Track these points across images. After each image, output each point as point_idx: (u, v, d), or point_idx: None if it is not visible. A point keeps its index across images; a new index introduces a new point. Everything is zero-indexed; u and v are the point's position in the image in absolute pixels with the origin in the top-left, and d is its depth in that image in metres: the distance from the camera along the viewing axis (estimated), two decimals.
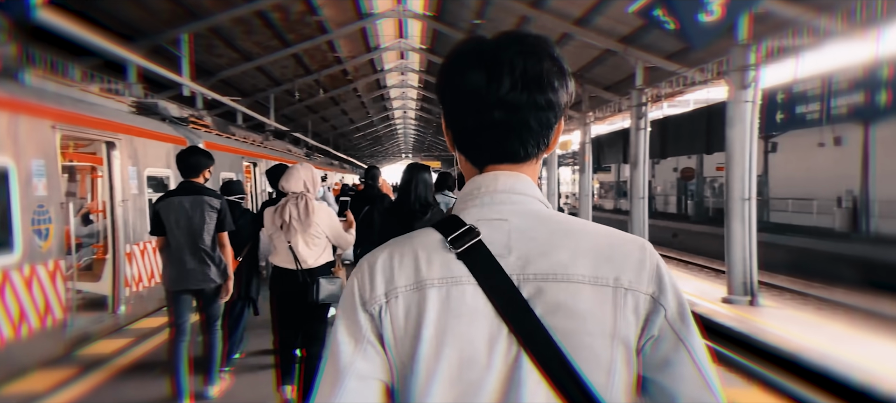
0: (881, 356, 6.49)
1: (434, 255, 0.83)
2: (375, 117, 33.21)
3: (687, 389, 0.78)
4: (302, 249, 3.69)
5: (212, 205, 3.93)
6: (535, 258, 0.81)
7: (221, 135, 10.56)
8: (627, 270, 0.81)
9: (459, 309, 0.80)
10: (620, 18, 11.95)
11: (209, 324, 4.11)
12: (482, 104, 0.84)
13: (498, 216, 0.84)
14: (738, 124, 9.29)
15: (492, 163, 0.88)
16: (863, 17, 6.69)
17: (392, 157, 59.26)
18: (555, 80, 0.85)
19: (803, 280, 13.77)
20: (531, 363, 0.77)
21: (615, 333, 0.79)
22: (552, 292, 0.79)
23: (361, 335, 0.83)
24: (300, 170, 3.77)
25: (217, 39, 14.03)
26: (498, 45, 0.85)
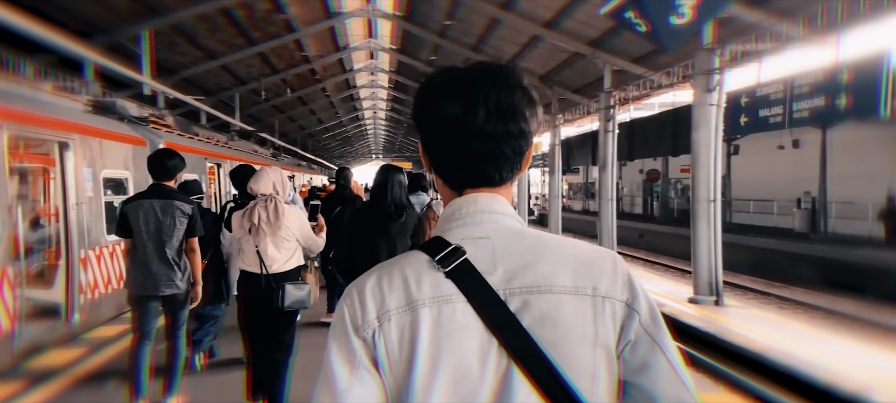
0: (841, 354, 6.66)
1: (423, 276, 0.86)
2: (345, 117, 32.84)
3: (665, 389, 0.84)
4: (271, 252, 3.60)
5: (183, 211, 3.87)
6: (519, 272, 0.85)
7: (184, 136, 10.24)
8: (603, 279, 0.86)
9: (451, 327, 0.83)
10: (589, 21, 12.05)
11: (173, 331, 4.00)
12: (459, 133, 0.88)
13: (481, 234, 0.88)
14: (704, 127, 9.45)
15: (469, 187, 0.93)
16: (823, 23, 6.85)
17: (362, 158, 58.79)
18: (526, 111, 0.91)
19: (765, 279, 14.14)
20: (521, 373, 0.81)
21: (596, 340, 0.83)
22: (537, 304, 0.83)
23: (356, 361, 0.84)
24: (269, 172, 3.68)
25: (179, 37, 13.62)
26: (472, 76, 0.90)
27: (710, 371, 6.90)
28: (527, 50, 14.69)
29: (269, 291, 3.58)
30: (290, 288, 3.61)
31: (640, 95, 12.83)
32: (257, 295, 3.61)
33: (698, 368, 7.04)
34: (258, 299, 3.62)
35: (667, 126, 11.73)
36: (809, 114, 7.05)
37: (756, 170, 20.63)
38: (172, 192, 3.93)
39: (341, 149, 48.48)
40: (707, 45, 9.37)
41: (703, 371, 6.92)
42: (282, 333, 3.68)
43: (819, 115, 6.99)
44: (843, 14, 6.59)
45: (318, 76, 21.04)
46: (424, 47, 17.87)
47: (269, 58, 17.24)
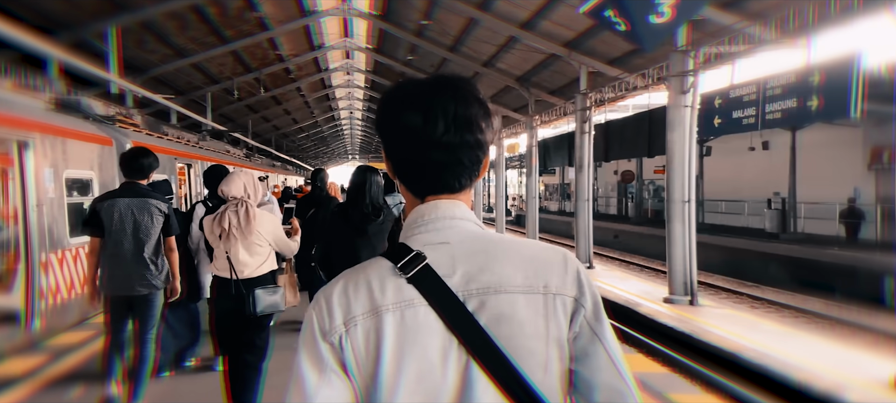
0: (813, 354, 6.75)
1: (387, 282, 0.90)
2: (320, 118, 32.47)
3: (602, 376, 0.91)
4: (242, 258, 3.51)
5: (160, 209, 3.84)
6: (476, 274, 0.91)
7: (152, 135, 9.96)
8: (554, 277, 0.92)
9: (414, 329, 0.88)
10: (565, 23, 12.10)
11: (143, 333, 3.91)
12: (420, 143, 0.93)
13: (441, 240, 0.93)
14: (678, 128, 9.54)
15: (430, 194, 0.97)
16: (795, 25, 6.95)
17: (338, 159, 58.27)
18: (482, 122, 0.96)
19: (737, 279, 14.37)
20: (479, 368, 0.86)
21: (548, 334, 0.89)
22: (493, 303, 0.89)
23: (324, 365, 0.89)
24: (240, 174, 3.61)
25: (148, 34, 13.26)
26: (432, 90, 0.95)
27: (687, 371, 6.94)
28: (504, 51, 14.69)
29: (240, 297, 3.50)
30: (262, 293, 3.54)
31: (616, 97, 12.92)
32: (229, 301, 3.53)
33: (675, 368, 7.08)
34: (230, 305, 3.54)
35: (642, 127, 11.83)
36: (782, 116, 7.15)
37: (727, 171, 21.02)
38: (147, 191, 3.87)
39: (317, 149, 47.97)
40: (681, 47, 9.47)
41: (680, 371, 6.95)
42: (253, 336, 3.62)
43: (791, 117, 7.08)
44: (815, 17, 6.69)
45: (292, 75, 20.73)
46: (401, 47, 17.74)
47: (242, 56, 16.92)
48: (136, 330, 3.95)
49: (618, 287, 11.26)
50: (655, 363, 6.51)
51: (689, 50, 9.35)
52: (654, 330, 8.44)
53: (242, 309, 3.50)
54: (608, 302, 10.26)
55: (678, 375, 6.27)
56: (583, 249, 13.91)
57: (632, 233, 22.94)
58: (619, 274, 14.20)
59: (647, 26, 4.84)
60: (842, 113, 6.36)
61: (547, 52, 13.58)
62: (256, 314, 3.51)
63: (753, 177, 20.52)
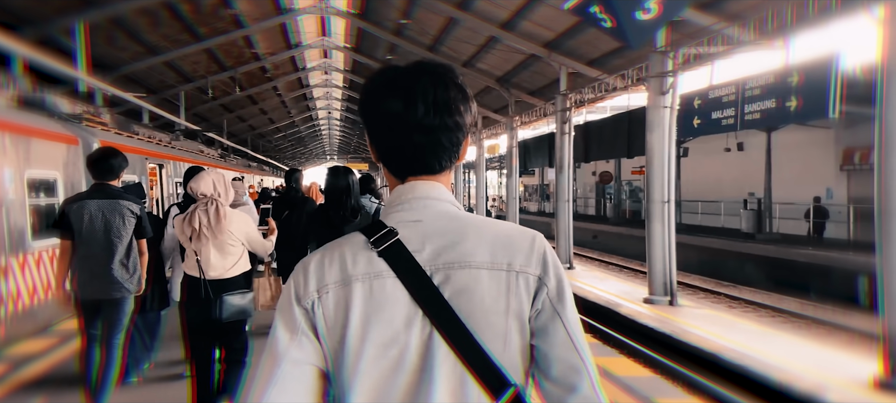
0: (792, 354, 6.77)
1: (359, 255, 0.96)
2: (298, 117, 32.04)
3: (559, 352, 0.94)
4: (213, 259, 3.43)
5: (131, 210, 3.77)
6: (443, 250, 0.95)
7: (122, 134, 9.63)
8: (519, 256, 0.96)
9: (381, 299, 0.93)
10: (545, 23, 12.07)
11: (110, 337, 3.83)
12: (402, 126, 0.97)
13: (415, 218, 0.98)
14: (658, 129, 9.55)
15: (412, 175, 1.02)
16: (773, 26, 6.98)
17: (316, 159, 57.64)
18: (461, 105, 1.00)
19: (714, 279, 14.49)
20: (441, 338, 0.91)
21: (509, 309, 0.93)
22: (457, 278, 0.94)
23: (296, 326, 0.95)
24: (211, 172, 3.58)
25: (118, 31, 12.86)
26: (412, 75, 0.99)
27: (670, 373, 6.91)
28: (484, 51, 14.62)
29: (208, 300, 3.41)
30: (230, 298, 3.45)
31: (596, 98, 12.93)
32: (197, 303, 3.46)
33: (656, 369, 7.04)
34: (198, 308, 3.47)
35: (622, 128, 11.86)
36: (761, 116, 7.17)
37: (704, 172, 21.26)
38: (118, 192, 3.80)
39: (294, 149, 47.38)
40: (660, 48, 9.47)
41: (663, 373, 6.92)
42: (232, 340, 3.59)
43: (770, 117, 7.11)
44: (793, 18, 6.72)
45: (269, 74, 20.37)
46: (380, 46, 17.56)
47: (216, 54, 16.56)
48: (103, 335, 3.86)
49: (598, 287, 11.25)
50: (639, 365, 6.47)
51: (668, 51, 9.36)
52: (635, 330, 8.42)
53: (210, 312, 3.41)
54: (589, 302, 10.23)
55: (662, 378, 6.23)
56: (563, 250, 13.89)
57: (610, 234, 23.07)
58: (599, 274, 14.22)
59: (634, 23, 4.78)
60: (820, 113, 6.39)
61: (527, 53, 13.54)
62: (223, 319, 3.42)
63: (729, 178, 20.78)
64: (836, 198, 17.22)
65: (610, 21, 4.88)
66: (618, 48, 11.87)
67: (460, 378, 0.91)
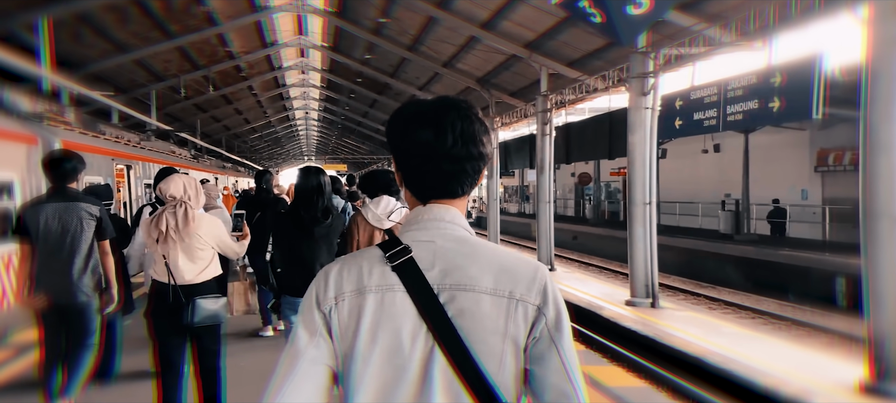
0: (775, 357, 6.71)
1: (375, 267, 1.05)
2: (274, 118, 31.47)
3: (553, 379, 1.01)
4: (181, 263, 3.34)
5: (90, 213, 3.70)
6: (451, 271, 1.03)
7: (87, 134, 9.22)
8: (520, 285, 1.03)
9: (391, 310, 1.03)
10: (526, 23, 11.95)
11: (77, 342, 3.76)
12: (432, 154, 1.07)
13: (428, 238, 1.07)
14: (639, 130, 9.48)
15: (434, 199, 1.10)
16: (756, 26, 6.92)
17: (293, 160, 56.84)
18: (483, 137, 1.10)
19: (694, 280, 14.53)
20: (442, 353, 1.00)
21: (506, 333, 1.01)
22: (461, 299, 1.02)
23: (315, 328, 1.05)
24: (182, 176, 3.50)
25: (84, 27, 12.38)
26: (440, 108, 1.08)
27: (652, 376, 6.81)
28: (464, 51, 14.45)
29: (178, 305, 3.31)
30: (202, 302, 3.35)
31: (576, 99, 12.86)
32: (165, 308, 3.35)
33: (640, 374, 6.94)
34: (167, 313, 3.36)
35: (603, 129, 11.79)
36: (743, 117, 7.12)
37: (681, 174, 21.39)
38: (76, 194, 3.74)
39: (271, 150, 46.65)
40: (642, 48, 9.40)
41: (645, 376, 6.81)
42: (206, 342, 3.50)
43: (752, 118, 7.06)
44: (775, 18, 6.67)
45: (243, 73, 19.90)
46: (358, 46, 17.27)
47: (188, 53, 16.09)
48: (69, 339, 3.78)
49: (579, 289, 11.15)
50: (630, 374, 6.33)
51: (649, 51, 9.30)
52: (617, 333, 8.32)
53: (180, 317, 3.31)
54: (571, 305, 10.10)
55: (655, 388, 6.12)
56: (545, 251, 13.78)
57: (590, 235, 23.10)
58: (580, 275, 14.15)
59: (625, 18, 4.63)
60: (804, 114, 6.35)
61: (508, 53, 13.41)
62: (194, 324, 3.33)
63: (706, 180, 20.95)
64: (810, 199, 17.44)
65: (599, 16, 4.72)
66: (598, 49, 11.82)
67: (456, 393, 0.99)
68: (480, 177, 1.13)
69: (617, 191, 29.40)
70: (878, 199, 5.23)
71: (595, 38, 11.39)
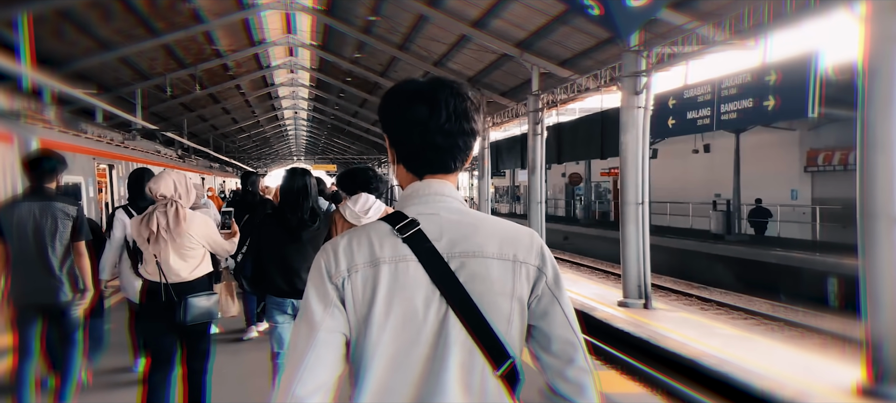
0: (772, 359, 6.62)
1: (385, 240, 1.11)
2: (262, 117, 31.15)
3: (558, 330, 1.13)
4: (173, 262, 3.31)
5: (66, 212, 3.63)
6: (459, 241, 1.12)
7: (67, 132, 8.98)
8: (521, 249, 1.14)
9: (404, 280, 1.09)
10: (517, 22, 11.84)
11: (65, 339, 3.74)
12: (426, 130, 1.14)
13: (432, 211, 1.14)
14: (632, 129, 9.38)
15: (429, 174, 1.18)
16: (750, 24, 6.84)
17: (282, 160, 56.38)
18: (474, 115, 1.18)
19: (685, 280, 14.48)
20: (455, 316, 1.08)
21: (513, 293, 1.11)
22: (471, 265, 1.10)
23: (329, 300, 1.10)
24: (172, 173, 3.45)
25: (67, 24, 12.10)
26: (434, 87, 1.16)
27: (647, 379, 6.70)
28: (455, 50, 14.32)
29: (170, 304, 3.27)
30: (194, 300, 3.32)
31: (568, 98, 12.76)
32: (158, 307, 3.31)
33: (635, 377, 6.82)
34: (159, 312, 3.32)
35: (595, 129, 11.70)
36: (737, 116, 7.04)
37: (672, 174, 21.37)
38: (53, 194, 3.69)
39: (259, 150, 46.26)
40: (634, 46, 9.31)
41: (640, 379, 6.70)
42: (195, 343, 3.45)
43: (747, 117, 6.98)
44: (770, 16, 6.58)
45: (231, 72, 19.64)
46: (348, 44, 17.08)
47: (175, 51, 15.82)
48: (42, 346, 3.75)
49: (572, 290, 11.03)
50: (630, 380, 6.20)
51: (641, 50, 9.21)
52: (610, 335, 8.20)
53: (173, 316, 3.27)
54: None
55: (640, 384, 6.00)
56: None
57: (580, 235, 23.05)
58: (571, 276, 14.05)
59: (624, 10, 4.50)
60: (799, 113, 6.27)
61: (499, 52, 13.31)
62: (187, 322, 3.28)
63: (696, 180, 20.94)
64: (800, 199, 17.48)
65: (598, 8, 4.60)
66: (590, 48, 11.74)
67: (470, 350, 1.07)
68: (470, 154, 1.20)
69: (607, 191, 29.40)
70: (876, 199, 5.15)
71: (587, 38, 11.32)
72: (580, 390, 1.11)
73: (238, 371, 4.68)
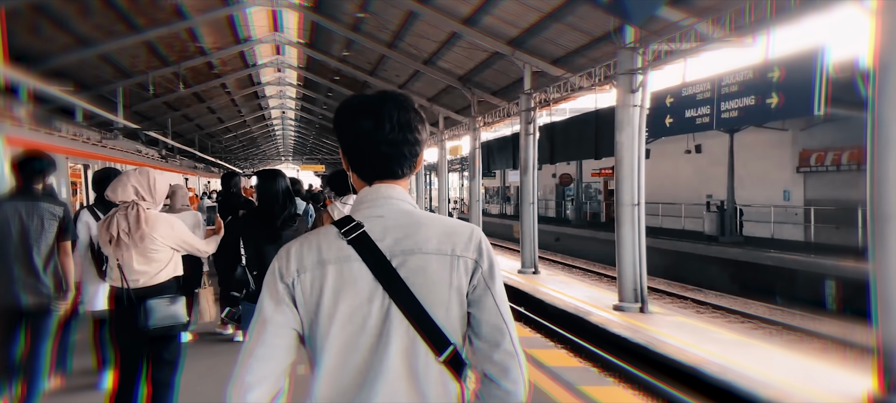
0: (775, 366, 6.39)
1: (332, 242, 1.25)
2: (249, 117, 30.65)
3: (487, 317, 1.24)
4: (137, 266, 3.20)
5: (52, 213, 3.67)
6: (401, 240, 1.24)
7: (39, 131, 8.59)
8: (460, 244, 1.26)
9: (349, 277, 1.22)
10: (509, 19, 11.57)
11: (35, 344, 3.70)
12: (372, 141, 1.27)
13: (378, 214, 1.27)
14: (627, 128, 9.14)
15: (378, 180, 1.31)
16: (751, 19, 6.61)
17: (270, 161, 55.80)
18: (418, 125, 1.31)
19: (679, 283, 14.29)
20: (397, 308, 1.21)
21: (451, 284, 1.23)
22: (412, 261, 1.23)
23: (280, 298, 1.23)
24: (132, 175, 3.29)
25: (42, 19, 11.65)
26: (380, 101, 1.29)
27: (646, 388, 6.44)
28: (445, 48, 14.02)
29: (132, 308, 3.17)
30: (155, 303, 3.19)
31: (561, 97, 12.51)
32: (121, 313, 3.23)
33: (634, 385, 6.57)
34: (123, 319, 3.22)
35: (589, 128, 11.44)
36: (739, 114, 6.80)
37: (663, 174, 21.23)
38: (39, 194, 3.73)
39: (246, 151, 45.68)
40: (629, 44, 9.07)
41: (640, 388, 6.44)
42: (161, 350, 3.29)
43: (748, 115, 6.75)
44: (772, 11, 6.35)
45: (216, 71, 19.20)
46: (336, 42, 16.73)
47: (157, 48, 15.37)
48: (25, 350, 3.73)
49: (565, 294, 10.77)
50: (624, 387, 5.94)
51: (637, 47, 8.97)
52: (606, 340, 7.94)
53: (135, 321, 3.16)
54: (558, 310, 9.74)
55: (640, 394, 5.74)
56: (528, 254, 13.41)
57: (572, 236, 22.85)
58: (564, 278, 13.81)
59: None
60: (804, 111, 6.04)
61: (490, 50, 13.03)
62: (148, 328, 3.16)
63: (686, 180, 20.82)
64: (792, 200, 17.38)
65: None
66: (583, 46, 11.49)
67: (412, 339, 1.21)
68: (418, 161, 1.32)
69: (597, 191, 29.26)
70: (887, 201, 4.92)
71: (580, 35, 11.07)
72: (505, 371, 1.22)
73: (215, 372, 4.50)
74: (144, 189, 3.22)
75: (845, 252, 12.26)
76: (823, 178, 16.38)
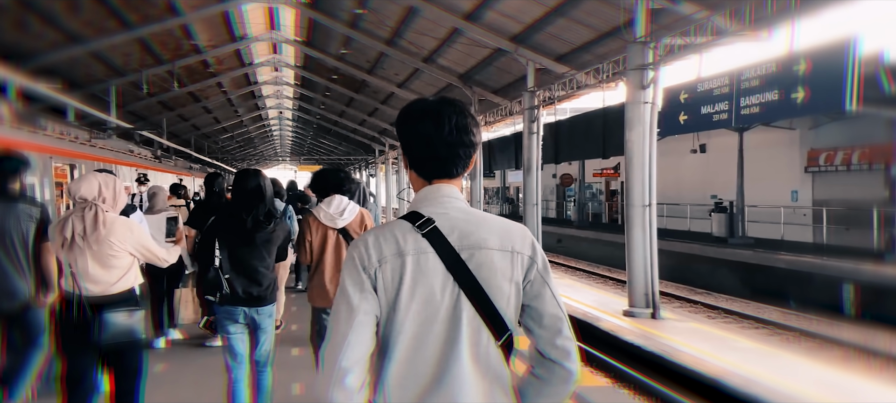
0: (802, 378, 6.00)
1: (408, 235, 1.37)
2: (246, 117, 30.22)
3: (548, 308, 1.40)
4: (93, 272, 3.01)
5: (29, 213, 3.63)
6: (466, 235, 1.38)
7: (21, 128, 8.20)
8: (517, 242, 1.40)
9: (425, 268, 1.35)
10: (511, 14, 11.22)
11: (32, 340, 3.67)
12: (432, 143, 1.41)
13: (443, 211, 1.40)
14: (638, 126, 8.77)
15: (436, 178, 1.45)
16: (773, 10, 6.23)
17: (268, 161, 55.36)
18: (473, 128, 1.45)
19: (688, 286, 13.91)
20: (466, 297, 1.35)
21: (512, 278, 1.38)
22: (478, 255, 1.36)
23: (364, 287, 1.35)
24: (98, 175, 3.18)
25: (31, 15, 11.25)
26: (439, 105, 1.43)
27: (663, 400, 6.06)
28: (446, 45, 13.66)
29: (84, 320, 2.97)
30: (112, 316, 2.99)
31: (566, 95, 12.16)
32: (71, 324, 3.00)
33: (650, 397, 6.17)
34: (72, 327, 3.01)
35: (595, 126, 11.10)
36: (760, 110, 6.45)
37: (668, 174, 20.83)
38: (16, 194, 3.68)
39: (243, 151, 45.22)
40: (640, 38, 8.70)
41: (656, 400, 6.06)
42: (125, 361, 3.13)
43: (771, 111, 6.39)
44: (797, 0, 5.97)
45: (212, 69, 18.79)
46: (334, 40, 16.35)
47: (150, 45, 14.96)
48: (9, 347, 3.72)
49: (572, 298, 10.38)
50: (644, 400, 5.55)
51: (648, 41, 8.59)
52: (618, 348, 7.56)
53: (87, 333, 2.97)
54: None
55: None
56: None
57: (574, 237, 22.47)
58: (569, 281, 13.43)
59: None
60: (834, 105, 5.67)
61: (492, 46, 12.67)
62: (103, 342, 2.98)
63: (691, 180, 20.46)
64: (801, 200, 17.02)
65: None
66: (589, 42, 11.14)
67: (477, 326, 1.35)
68: (472, 162, 1.47)
69: (599, 192, 28.91)
70: None
71: (586, 30, 10.71)
72: (567, 354, 1.39)
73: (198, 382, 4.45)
74: (109, 190, 3.09)
75: (860, 254, 11.88)
76: (833, 178, 16.03)
